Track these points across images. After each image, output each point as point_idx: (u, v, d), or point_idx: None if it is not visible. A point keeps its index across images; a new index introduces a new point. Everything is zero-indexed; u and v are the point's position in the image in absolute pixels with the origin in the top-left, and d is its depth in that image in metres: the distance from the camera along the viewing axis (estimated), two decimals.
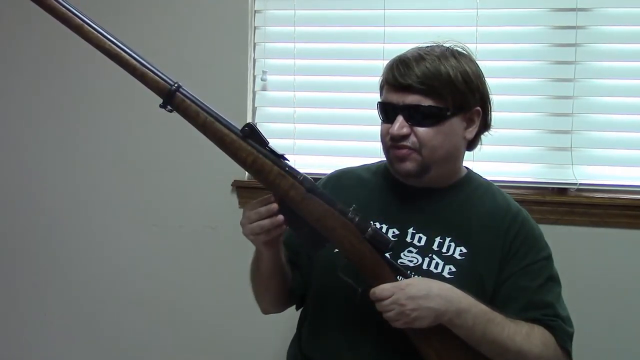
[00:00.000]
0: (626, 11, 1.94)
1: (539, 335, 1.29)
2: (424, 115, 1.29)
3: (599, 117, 1.99)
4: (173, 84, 1.21)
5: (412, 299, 1.21)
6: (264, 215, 1.22)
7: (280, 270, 1.38)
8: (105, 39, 1.20)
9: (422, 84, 1.28)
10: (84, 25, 1.19)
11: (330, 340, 1.38)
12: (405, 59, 1.32)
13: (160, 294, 2.26)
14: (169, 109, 1.22)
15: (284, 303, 1.48)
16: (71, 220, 2.32)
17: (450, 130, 1.32)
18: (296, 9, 2.13)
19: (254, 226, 1.23)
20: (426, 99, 1.29)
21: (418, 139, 1.30)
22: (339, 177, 1.50)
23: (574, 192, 1.98)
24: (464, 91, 1.31)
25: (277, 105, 2.20)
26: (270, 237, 1.25)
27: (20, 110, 2.34)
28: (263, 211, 1.22)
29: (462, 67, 1.32)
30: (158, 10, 2.21)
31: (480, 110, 1.36)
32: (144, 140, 2.23)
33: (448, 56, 1.32)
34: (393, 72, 1.32)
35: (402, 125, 1.30)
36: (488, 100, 1.39)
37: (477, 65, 1.37)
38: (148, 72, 1.20)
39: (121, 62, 1.20)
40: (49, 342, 2.36)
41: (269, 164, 1.22)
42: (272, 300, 1.46)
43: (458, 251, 1.34)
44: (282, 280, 1.41)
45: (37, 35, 2.24)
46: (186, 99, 1.21)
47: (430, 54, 1.31)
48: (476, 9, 1.99)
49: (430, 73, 1.28)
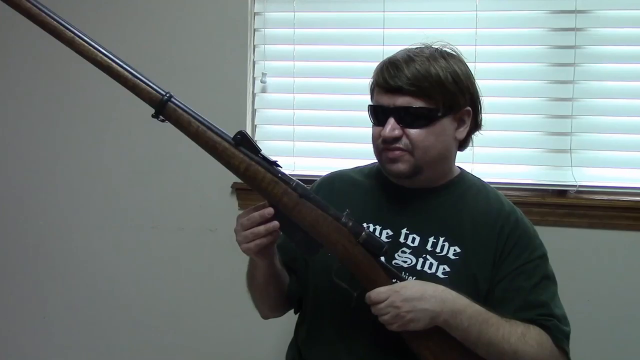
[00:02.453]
0: (625, 13, 1.94)
1: (535, 335, 1.29)
2: (415, 116, 1.29)
3: (599, 119, 1.99)
4: (165, 94, 1.21)
5: (407, 301, 1.21)
6: (257, 222, 1.22)
7: (275, 277, 1.38)
8: (96, 51, 1.20)
9: (412, 86, 1.28)
10: (75, 39, 1.20)
11: (327, 344, 1.38)
12: (395, 61, 1.32)
13: (161, 295, 2.26)
14: (161, 119, 1.22)
15: (283, 308, 1.49)
16: (71, 222, 2.32)
17: (441, 130, 1.32)
18: (296, 12, 2.13)
19: (246, 233, 1.23)
20: (417, 100, 1.29)
21: (410, 141, 1.30)
22: (332, 180, 1.50)
23: (573, 194, 1.98)
24: (454, 92, 1.31)
25: (277, 107, 2.21)
26: (265, 244, 1.24)
27: (20, 112, 2.34)
28: (257, 217, 1.22)
29: (452, 68, 1.32)
30: (158, 13, 2.21)
31: (471, 110, 1.36)
32: (143, 143, 2.23)
33: (437, 57, 1.32)
34: (383, 74, 1.32)
35: (394, 128, 1.30)
36: (478, 100, 1.39)
37: (467, 65, 1.37)
38: (140, 82, 1.21)
39: (112, 73, 1.21)
40: (48, 344, 2.36)
41: (261, 171, 1.23)
42: (271, 306, 1.46)
43: (452, 251, 1.34)
44: (278, 286, 1.41)
45: (35, 36, 2.23)
46: (178, 108, 1.21)
47: (419, 56, 1.32)
48: (475, 11, 2.00)
49: (420, 74, 1.29)
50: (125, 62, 1.22)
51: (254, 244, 1.23)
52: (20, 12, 1.20)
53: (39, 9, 1.19)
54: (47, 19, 1.19)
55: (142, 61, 1.24)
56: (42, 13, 1.19)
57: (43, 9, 1.19)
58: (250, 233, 1.22)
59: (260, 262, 1.30)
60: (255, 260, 1.31)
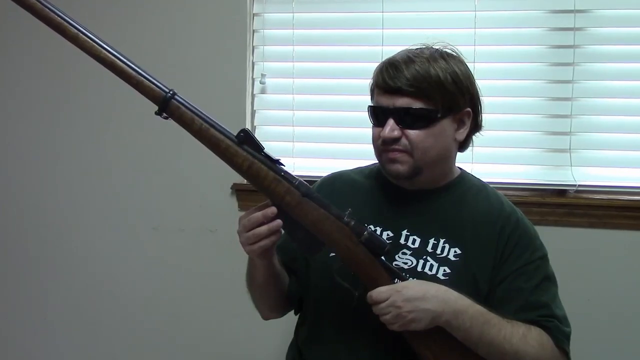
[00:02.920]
0: (624, 13, 1.94)
1: (536, 336, 1.29)
2: (414, 117, 1.29)
3: (598, 119, 1.99)
4: (168, 91, 1.21)
5: (408, 301, 1.21)
6: (260, 222, 1.21)
7: (275, 277, 1.37)
8: (101, 48, 1.20)
9: (412, 87, 1.28)
10: (79, 35, 1.20)
11: (328, 344, 1.38)
12: (395, 62, 1.32)
13: (161, 296, 2.26)
14: (164, 116, 1.22)
15: (283, 308, 1.48)
16: (71, 223, 2.32)
17: (441, 131, 1.31)
18: (295, 12, 2.13)
19: (249, 234, 1.22)
20: (416, 101, 1.29)
21: (409, 142, 1.30)
22: (333, 181, 1.50)
23: (573, 194, 1.98)
24: (454, 92, 1.31)
25: (276, 108, 2.21)
26: (269, 245, 1.23)
27: (20, 112, 2.34)
28: (259, 216, 1.22)
29: (452, 69, 1.31)
30: (157, 14, 2.22)
31: (471, 111, 1.36)
32: (144, 143, 2.23)
33: (437, 58, 1.32)
34: (383, 75, 1.32)
35: (393, 129, 1.30)
36: (478, 101, 1.38)
37: (467, 66, 1.37)
38: (143, 79, 1.20)
39: (116, 70, 1.21)
40: (49, 345, 2.36)
41: (264, 170, 1.23)
42: (271, 307, 1.46)
43: (452, 252, 1.34)
44: (278, 286, 1.40)
45: (35, 35, 2.23)
46: (181, 105, 1.21)
47: (419, 56, 1.31)
48: (474, 11, 2.00)
49: (420, 75, 1.28)
50: (129, 59, 1.22)
51: (257, 246, 1.22)
52: (25, 8, 1.19)
53: (43, 5, 1.19)
54: (52, 15, 1.19)
55: (141, 62, 1.24)
56: (46, 9, 1.19)
57: (47, 5, 1.19)
58: (253, 234, 1.22)
59: (260, 262, 1.30)
60: (255, 261, 1.31)
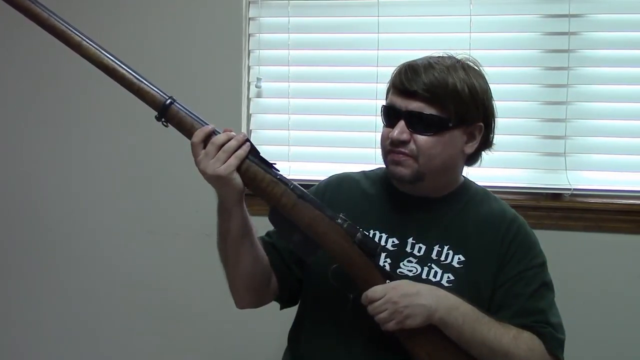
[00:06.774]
0: (618, 17, 1.95)
1: (527, 339, 1.30)
2: (425, 123, 1.30)
3: (593, 123, 2.00)
4: (167, 98, 1.23)
5: (404, 296, 1.22)
6: (226, 140, 1.21)
7: (249, 231, 1.32)
8: (103, 55, 1.23)
9: (427, 92, 1.28)
10: (82, 42, 1.23)
11: (325, 345, 1.38)
12: (415, 66, 1.32)
13: (156, 301, 2.26)
14: (163, 122, 1.24)
15: (261, 292, 1.41)
16: (67, 227, 2.32)
17: (449, 141, 1.32)
18: (290, 17, 2.13)
19: (219, 154, 1.20)
20: (429, 107, 1.29)
21: (416, 147, 1.30)
22: (340, 182, 1.49)
23: (568, 198, 1.98)
24: (469, 104, 1.31)
25: (272, 112, 2.21)
26: (242, 155, 1.21)
27: (17, 115, 2.34)
28: (223, 136, 1.21)
29: (470, 81, 1.32)
30: (153, 18, 2.22)
31: (483, 126, 1.37)
32: (139, 148, 2.23)
33: (457, 68, 1.32)
34: (400, 76, 1.32)
35: (403, 131, 1.30)
36: (492, 118, 1.39)
37: (486, 81, 1.37)
38: (144, 86, 1.23)
39: (117, 77, 1.23)
40: (44, 349, 2.36)
41: (261, 172, 1.25)
42: (247, 286, 1.38)
43: (456, 259, 1.34)
44: (253, 254, 1.34)
45: (35, 38, 2.23)
46: (180, 111, 1.23)
47: (439, 64, 1.32)
48: (469, 15, 2.00)
49: (437, 82, 1.29)
50: (130, 66, 1.24)
51: (233, 158, 1.21)
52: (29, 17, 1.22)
53: (49, 14, 1.22)
54: (56, 23, 1.22)
55: (137, 66, 1.25)
56: (50, 18, 1.22)
57: (52, 15, 1.22)
58: (223, 152, 1.21)
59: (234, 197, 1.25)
60: (228, 199, 1.26)
